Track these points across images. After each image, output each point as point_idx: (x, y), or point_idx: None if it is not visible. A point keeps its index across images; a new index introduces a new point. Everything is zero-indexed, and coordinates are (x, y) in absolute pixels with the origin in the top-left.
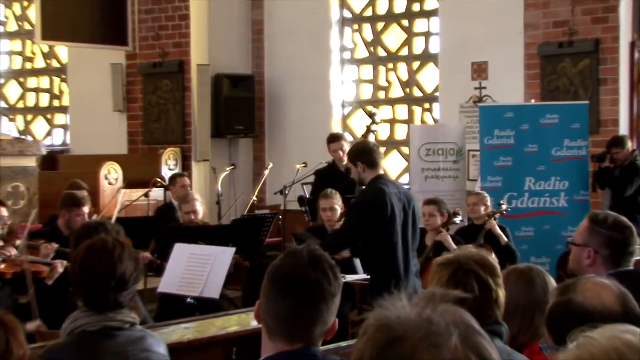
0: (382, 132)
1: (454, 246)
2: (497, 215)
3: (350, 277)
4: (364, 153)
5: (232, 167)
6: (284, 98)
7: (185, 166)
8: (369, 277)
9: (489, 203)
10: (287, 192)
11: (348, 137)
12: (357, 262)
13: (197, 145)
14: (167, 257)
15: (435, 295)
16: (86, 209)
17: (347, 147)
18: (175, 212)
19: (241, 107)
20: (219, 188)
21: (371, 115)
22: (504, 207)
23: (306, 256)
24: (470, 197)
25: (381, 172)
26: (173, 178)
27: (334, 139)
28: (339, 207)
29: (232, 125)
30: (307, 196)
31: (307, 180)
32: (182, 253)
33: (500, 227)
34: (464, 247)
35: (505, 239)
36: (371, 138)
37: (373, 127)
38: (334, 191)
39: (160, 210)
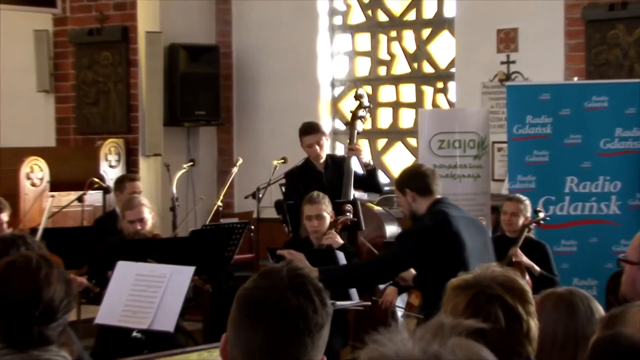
0: (383, 119)
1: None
2: (533, 226)
3: (342, 304)
4: (414, 178)
5: (191, 163)
6: (257, 75)
7: (131, 162)
8: (367, 303)
9: (529, 214)
10: (261, 195)
11: (339, 125)
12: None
13: (145, 135)
14: (107, 283)
15: (444, 326)
16: (4, 217)
17: (325, 141)
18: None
19: (202, 86)
20: (174, 190)
21: (358, 97)
22: (542, 215)
23: (286, 277)
24: (508, 203)
25: (438, 197)
26: (121, 182)
27: (309, 129)
28: (327, 215)
29: (191, 109)
30: (287, 201)
31: None
32: (125, 274)
33: (537, 244)
34: (486, 266)
35: (538, 269)
36: (359, 127)
37: (361, 112)
38: (322, 194)
39: (100, 221)
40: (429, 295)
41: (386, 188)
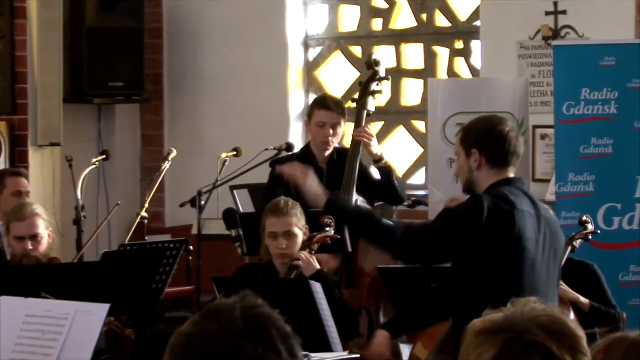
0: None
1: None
2: (578, 243)
3: (320, 357)
4: (489, 137)
5: (103, 156)
6: (198, 31)
7: (17, 154)
8: (355, 356)
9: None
10: (203, 202)
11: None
12: (331, 328)
13: (38, 116)
14: None
15: None
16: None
17: (342, 126)
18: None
19: (119, 47)
20: (79, 195)
21: (372, 63)
22: (590, 227)
23: (240, 318)
24: None
25: (510, 175)
26: (0, 178)
27: (327, 103)
28: (299, 231)
29: (104, 80)
30: (242, 210)
31: (241, 181)
32: (10, 314)
33: (580, 265)
34: (523, 302)
35: (586, 301)
36: (370, 105)
37: (375, 86)
38: (292, 202)
39: None
40: (460, 323)
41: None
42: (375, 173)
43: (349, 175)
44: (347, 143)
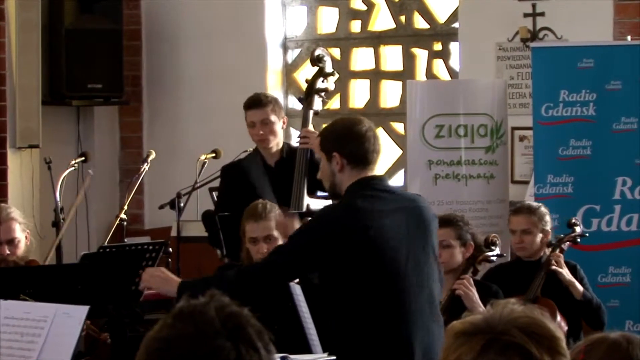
0: (357, 94)
1: (481, 306)
2: (566, 246)
3: (298, 359)
4: (348, 138)
5: (82, 159)
6: (178, 33)
7: None
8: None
9: (549, 226)
10: (182, 204)
11: (295, 104)
12: (311, 330)
13: (16, 118)
14: None
15: None
16: None
17: (277, 121)
18: None
19: (98, 48)
20: (58, 197)
21: (316, 60)
22: (578, 230)
23: (216, 318)
24: (515, 217)
25: (373, 174)
26: None
27: (251, 102)
28: (280, 234)
29: (82, 81)
30: (220, 212)
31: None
32: None
33: (567, 265)
34: (502, 304)
35: (581, 288)
36: (316, 105)
37: (321, 83)
38: (270, 205)
39: None
40: (341, 333)
41: None
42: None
43: (297, 179)
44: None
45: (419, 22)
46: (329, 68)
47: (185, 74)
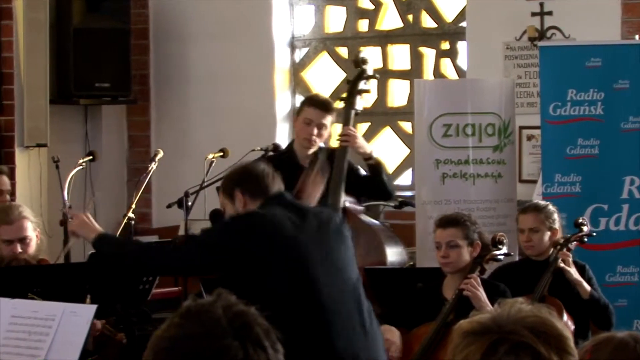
0: (366, 94)
1: (489, 305)
2: (573, 245)
3: None
4: (248, 177)
5: (90, 157)
6: (185, 32)
7: (4, 155)
8: None
9: (557, 224)
10: (190, 203)
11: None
12: None
13: (24, 117)
14: None
15: None
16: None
17: (329, 127)
18: None
19: (106, 48)
20: (66, 196)
21: (360, 62)
22: (585, 229)
23: (223, 317)
24: (523, 215)
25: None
26: None
27: (317, 102)
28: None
29: (90, 81)
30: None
31: None
32: None
33: (575, 265)
34: (510, 303)
35: (588, 288)
36: (358, 105)
37: (363, 85)
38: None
39: None
40: None
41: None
42: (363, 170)
43: (337, 176)
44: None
45: (427, 21)
46: (370, 71)
47: (193, 73)
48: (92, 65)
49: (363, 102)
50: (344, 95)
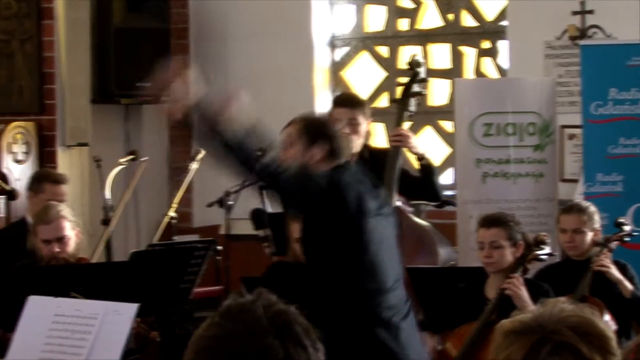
0: None
1: (531, 305)
2: (614, 245)
3: None
4: (331, 134)
5: (132, 157)
6: (225, 31)
7: (46, 155)
8: None
9: (598, 225)
10: (231, 202)
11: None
12: None
13: (66, 117)
14: (13, 323)
15: None
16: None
17: (364, 122)
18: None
19: (147, 47)
20: (108, 195)
21: (413, 64)
22: (627, 229)
23: (264, 316)
24: (565, 216)
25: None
26: (39, 180)
27: (340, 100)
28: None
29: (131, 80)
30: (270, 210)
31: None
32: (40, 314)
33: (615, 264)
34: (552, 303)
35: (630, 286)
36: (411, 107)
37: (415, 87)
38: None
39: (4, 236)
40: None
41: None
42: (414, 171)
43: (389, 177)
44: (377, 143)
45: (467, 20)
46: (424, 74)
47: (233, 73)
48: (133, 65)
49: (416, 104)
50: (397, 96)
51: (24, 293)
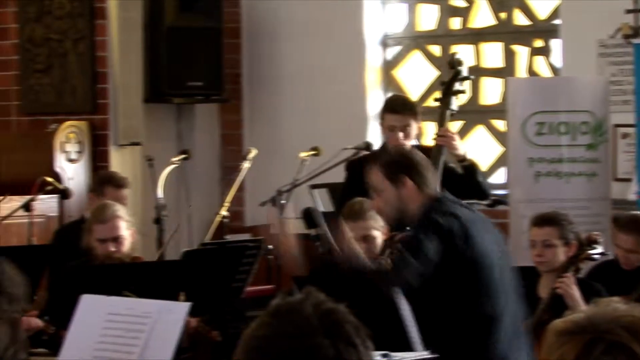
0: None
1: (583, 304)
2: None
3: (400, 356)
4: (414, 164)
5: (184, 156)
6: (277, 31)
7: (98, 154)
8: (435, 356)
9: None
10: (283, 201)
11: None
12: (411, 327)
13: (118, 116)
14: (67, 321)
15: None
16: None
17: (415, 126)
18: None
19: (199, 47)
20: (160, 194)
21: (454, 63)
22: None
23: (313, 315)
24: (620, 217)
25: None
26: (101, 183)
27: (394, 106)
28: (379, 232)
29: (183, 80)
30: (323, 209)
31: (320, 181)
32: (93, 313)
33: None
34: (605, 302)
35: None
36: (453, 106)
37: (458, 85)
38: (367, 203)
39: (61, 236)
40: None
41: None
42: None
43: None
44: (426, 141)
45: (520, 19)
46: (465, 72)
47: (285, 72)
48: (185, 64)
49: (458, 102)
50: (439, 95)
51: (77, 291)
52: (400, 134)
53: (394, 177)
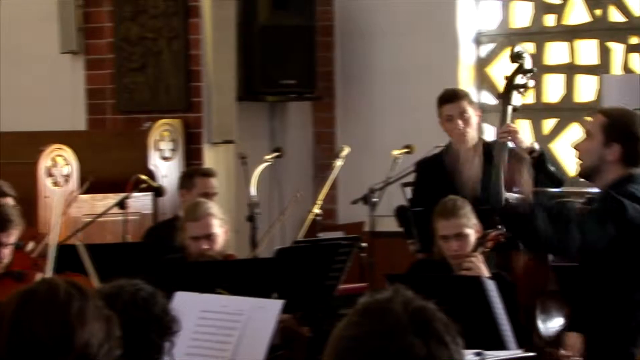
0: (552, 90)
1: None
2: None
3: (494, 355)
4: (633, 136)
5: (277, 154)
6: (370, 29)
7: (192, 152)
8: (531, 354)
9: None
10: (376, 199)
11: (487, 99)
12: (505, 326)
13: (212, 115)
14: None
15: None
16: (12, 237)
17: (473, 114)
18: None
19: (292, 45)
20: (253, 192)
21: (515, 57)
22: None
23: (403, 313)
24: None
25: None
26: (190, 177)
27: (447, 96)
28: (472, 230)
29: (276, 78)
30: (415, 207)
31: (413, 179)
32: (187, 310)
33: None
34: None
35: None
36: (515, 101)
37: (519, 79)
38: (460, 201)
39: (154, 233)
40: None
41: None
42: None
43: (497, 171)
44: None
45: (615, 16)
46: (528, 65)
47: (378, 70)
48: (278, 63)
49: (520, 97)
50: (501, 91)
51: (171, 288)
52: (459, 122)
53: (609, 137)
